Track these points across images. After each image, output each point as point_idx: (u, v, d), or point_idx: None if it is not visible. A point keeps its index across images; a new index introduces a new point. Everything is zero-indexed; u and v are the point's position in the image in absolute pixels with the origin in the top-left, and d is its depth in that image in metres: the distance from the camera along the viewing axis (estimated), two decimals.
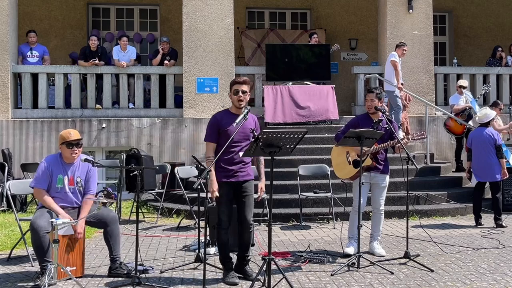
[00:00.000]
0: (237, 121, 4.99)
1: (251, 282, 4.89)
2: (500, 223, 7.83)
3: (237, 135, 5.09)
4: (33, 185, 5.41)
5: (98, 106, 11.24)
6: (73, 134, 5.44)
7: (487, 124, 8.11)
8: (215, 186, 5.13)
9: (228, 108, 5.37)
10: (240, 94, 5.19)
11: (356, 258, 5.66)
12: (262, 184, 5.42)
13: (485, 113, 8.16)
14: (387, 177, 6.30)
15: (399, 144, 6.03)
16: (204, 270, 4.81)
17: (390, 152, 8.38)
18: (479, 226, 7.83)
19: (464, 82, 10.75)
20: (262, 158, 5.47)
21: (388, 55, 11.64)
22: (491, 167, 7.89)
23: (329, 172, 8.30)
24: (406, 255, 5.85)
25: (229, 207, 5.27)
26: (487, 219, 8.14)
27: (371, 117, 6.23)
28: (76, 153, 5.45)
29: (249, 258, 5.39)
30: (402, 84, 10.61)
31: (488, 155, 7.91)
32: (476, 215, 8.01)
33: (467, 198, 9.25)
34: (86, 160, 5.39)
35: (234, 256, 5.41)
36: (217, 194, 5.15)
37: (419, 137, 6.13)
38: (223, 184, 5.18)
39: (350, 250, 6.16)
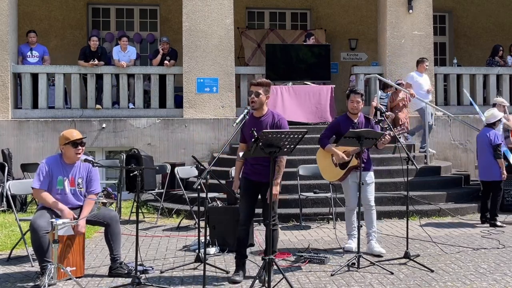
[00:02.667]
0: (237, 121, 5.01)
1: (251, 282, 4.88)
2: (493, 222, 7.84)
3: (251, 134, 5.08)
4: (34, 186, 5.39)
5: (98, 106, 11.24)
6: (76, 133, 5.47)
7: (492, 125, 8.12)
8: (234, 184, 5.40)
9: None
10: (253, 96, 5.18)
11: (356, 258, 5.67)
12: (274, 187, 5.02)
13: (492, 113, 8.21)
14: (372, 173, 6.36)
15: (382, 141, 6.06)
16: (204, 270, 4.82)
17: (390, 152, 8.47)
18: (481, 225, 7.82)
19: (504, 101, 10.32)
20: (283, 157, 5.16)
21: (387, 55, 11.67)
22: (489, 166, 7.93)
23: None
24: (406, 255, 5.85)
25: (249, 204, 5.24)
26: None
27: (351, 118, 6.30)
28: (80, 152, 5.46)
29: (270, 259, 4.85)
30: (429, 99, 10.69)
31: (486, 154, 7.95)
32: (482, 214, 8.05)
33: (467, 198, 9.27)
34: (86, 160, 5.40)
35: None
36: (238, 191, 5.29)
37: (400, 131, 6.16)
38: (245, 180, 5.24)
39: (350, 247, 6.33)
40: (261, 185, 5.20)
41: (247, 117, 5.09)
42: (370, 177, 6.32)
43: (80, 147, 5.45)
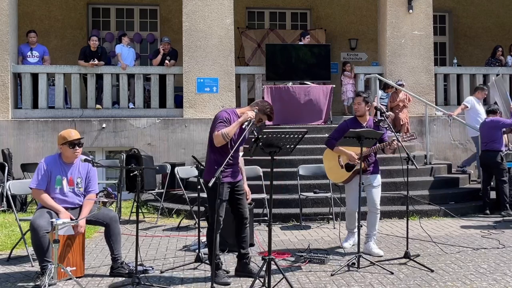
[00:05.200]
0: (244, 125, 5.02)
1: (251, 282, 4.88)
2: None
3: (242, 138, 5.12)
4: (31, 185, 5.41)
5: (98, 106, 11.25)
6: (74, 133, 5.46)
7: None
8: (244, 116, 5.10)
9: (235, 109, 5.36)
10: (259, 121, 5.23)
11: (356, 258, 5.67)
12: (246, 185, 5.59)
13: None
14: (379, 176, 6.40)
15: (389, 146, 6.16)
16: (212, 270, 4.81)
17: (390, 152, 8.29)
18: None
19: None
20: (242, 159, 5.61)
21: (387, 55, 11.68)
22: None
23: None
24: (406, 255, 5.85)
25: (224, 207, 5.25)
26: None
27: (359, 120, 6.32)
28: (78, 153, 5.46)
29: (249, 256, 5.40)
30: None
31: None
32: None
33: (466, 198, 9.27)
34: (86, 160, 5.40)
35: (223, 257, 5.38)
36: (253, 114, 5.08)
37: (409, 138, 6.19)
38: (226, 185, 5.17)
39: (347, 245, 6.50)
40: (235, 184, 5.29)
41: (255, 124, 5.14)
42: (377, 180, 6.34)
43: (77, 148, 5.45)
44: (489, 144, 8.85)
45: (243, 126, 5.04)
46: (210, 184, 4.82)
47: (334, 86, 11.56)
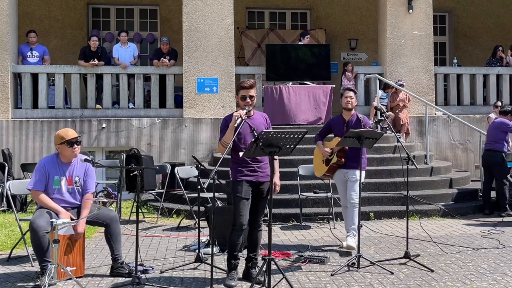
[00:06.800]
0: (236, 123, 4.98)
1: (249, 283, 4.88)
2: None
3: (249, 135, 5.08)
4: (30, 187, 5.40)
5: (98, 106, 11.25)
6: (71, 132, 5.46)
7: None
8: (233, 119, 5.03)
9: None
10: (248, 100, 5.15)
11: (356, 258, 5.67)
12: (276, 179, 5.35)
13: None
14: (357, 172, 6.18)
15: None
16: (212, 270, 4.81)
17: (390, 152, 8.35)
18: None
19: None
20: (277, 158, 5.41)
21: (387, 55, 11.68)
22: None
23: None
24: (406, 255, 5.85)
25: (247, 207, 5.12)
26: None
27: (344, 117, 6.48)
28: (76, 151, 5.46)
29: (256, 261, 5.29)
30: None
31: None
32: None
33: (466, 198, 9.27)
34: (86, 160, 5.39)
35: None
36: (243, 112, 5.02)
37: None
38: (243, 183, 5.09)
39: (347, 242, 6.44)
40: (258, 185, 5.18)
41: (244, 118, 5.05)
42: (354, 174, 6.29)
43: (76, 146, 5.44)
44: (492, 144, 8.87)
45: (235, 125, 5.01)
46: (205, 186, 4.83)
47: (334, 86, 11.56)
